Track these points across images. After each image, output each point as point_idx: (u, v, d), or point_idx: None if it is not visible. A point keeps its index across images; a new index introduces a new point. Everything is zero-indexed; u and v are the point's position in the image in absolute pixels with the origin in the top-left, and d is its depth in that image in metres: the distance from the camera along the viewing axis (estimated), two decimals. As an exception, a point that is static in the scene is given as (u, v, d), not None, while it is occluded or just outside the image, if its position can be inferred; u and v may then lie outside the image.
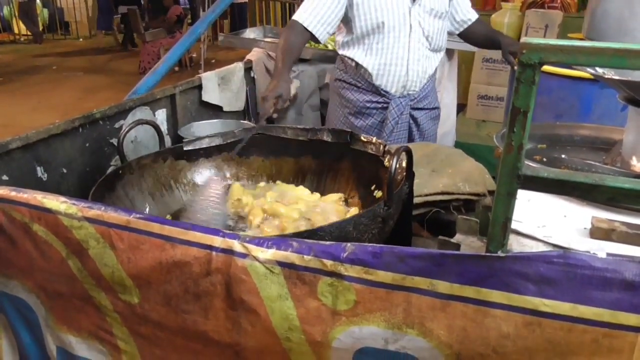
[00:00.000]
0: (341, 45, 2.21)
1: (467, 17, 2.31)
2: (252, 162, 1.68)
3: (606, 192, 0.78)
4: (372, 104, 2.21)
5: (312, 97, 3.11)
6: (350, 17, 2.11)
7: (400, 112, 2.19)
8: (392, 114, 2.18)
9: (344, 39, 2.18)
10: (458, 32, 2.35)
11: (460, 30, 2.34)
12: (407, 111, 2.20)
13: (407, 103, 2.19)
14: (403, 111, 2.19)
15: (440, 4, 2.14)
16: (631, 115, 1.37)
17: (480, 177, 1.57)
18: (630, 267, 0.74)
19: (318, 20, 2.06)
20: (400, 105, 2.18)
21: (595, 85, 2.40)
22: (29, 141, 1.58)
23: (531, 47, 0.74)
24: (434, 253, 0.82)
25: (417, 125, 2.27)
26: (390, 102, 2.17)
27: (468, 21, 2.32)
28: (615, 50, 0.72)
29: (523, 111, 0.76)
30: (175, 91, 2.24)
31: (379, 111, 2.21)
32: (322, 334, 0.90)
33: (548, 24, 3.81)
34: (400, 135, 2.22)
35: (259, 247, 0.91)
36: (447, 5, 2.19)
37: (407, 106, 2.20)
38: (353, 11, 2.09)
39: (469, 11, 2.32)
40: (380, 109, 2.21)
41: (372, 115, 2.22)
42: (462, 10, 2.30)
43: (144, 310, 1.03)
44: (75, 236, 1.04)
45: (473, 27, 2.32)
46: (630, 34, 1.60)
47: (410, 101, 2.20)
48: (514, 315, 0.79)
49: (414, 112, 2.24)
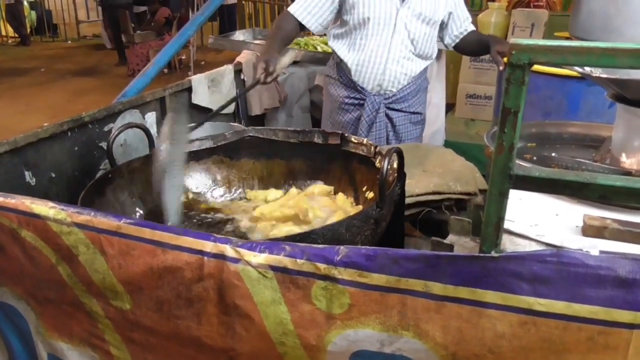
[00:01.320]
0: (332, 37, 2.23)
1: (464, 28, 2.28)
2: (243, 164, 1.67)
3: (597, 190, 0.79)
4: (349, 100, 2.23)
5: (302, 98, 3.10)
6: (343, 10, 2.14)
7: (375, 110, 2.19)
8: (367, 111, 2.19)
9: (336, 31, 2.21)
10: (454, 44, 2.33)
11: (456, 42, 2.31)
12: (382, 109, 2.20)
13: (381, 101, 2.19)
14: (378, 109, 2.19)
15: (431, 11, 2.13)
16: (619, 112, 1.38)
17: (471, 176, 1.57)
18: (623, 264, 0.75)
19: (309, 12, 2.11)
20: (374, 102, 2.19)
21: (582, 83, 2.42)
22: (17, 145, 1.56)
23: (521, 48, 0.74)
24: (428, 254, 0.82)
25: (392, 126, 2.26)
26: (365, 99, 2.19)
27: (464, 32, 2.29)
28: (603, 50, 0.72)
29: (513, 111, 0.76)
30: (165, 94, 2.22)
31: (356, 107, 2.23)
32: (317, 337, 0.89)
33: (534, 23, 3.84)
34: (380, 134, 2.22)
35: (251, 251, 0.90)
36: (440, 15, 2.18)
37: (382, 104, 2.20)
38: (345, 5, 2.12)
39: (466, 22, 2.29)
40: (357, 105, 2.22)
41: (350, 111, 2.25)
42: (461, 24, 2.27)
43: (136, 316, 1.03)
44: (64, 242, 1.03)
45: (466, 37, 2.30)
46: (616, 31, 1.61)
47: (385, 99, 2.20)
48: (509, 315, 0.79)
49: (389, 112, 2.23)
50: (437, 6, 2.15)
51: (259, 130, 1.67)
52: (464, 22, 2.27)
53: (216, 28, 10.60)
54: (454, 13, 2.23)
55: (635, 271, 0.74)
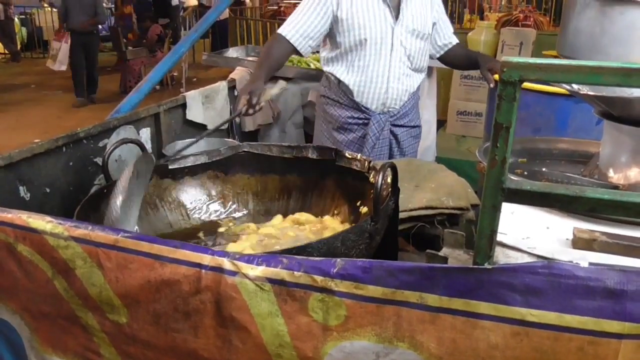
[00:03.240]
0: (325, 61, 2.26)
1: (449, 41, 2.36)
2: (238, 179, 1.69)
3: (586, 203, 0.81)
4: (353, 120, 2.25)
5: (295, 115, 3.13)
6: (335, 32, 2.15)
7: (381, 128, 2.23)
8: (373, 130, 2.22)
9: (328, 55, 2.23)
10: (439, 56, 2.40)
11: (441, 53, 2.39)
12: (387, 127, 2.24)
13: (387, 119, 2.23)
14: (383, 127, 2.23)
15: (422, 25, 2.19)
16: (606, 129, 1.41)
17: (463, 192, 1.59)
18: (612, 276, 0.76)
19: (301, 34, 2.11)
20: (380, 121, 2.22)
21: (570, 101, 2.47)
22: (12, 160, 1.56)
23: (511, 65, 0.77)
24: (422, 267, 0.83)
25: (397, 142, 2.30)
26: (370, 119, 2.22)
27: (449, 44, 2.37)
28: (591, 68, 0.75)
29: (505, 126, 0.79)
30: (159, 110, 2.24)
31: (360, 127, 2.25)
32: (313, 349, 0.90)
33: (523, 41, 3.93)
34: (382, 150, 2.25)
35: (248, 264, 0.91)
36: (430, 28, 2.24)
37: (387, 122, 2.24)
38: (338, 27, 2.13)
39: (451, 36, 2.37)
40: (361, 125, 2.25)
41: (354, 130, 2.26)
42: (444, 34, 2.35)
43: (133, 330, 1.03)
44: (61, 256, 1.03)
45: (453, 50, 2.38)
46: (603, 51, 1.65)
47: (390, 117, 2.24)
48: (502, 325, 0.81)
49: (394, 128, 2.27)
50: (426, 19, 2.21)
51: (253, 146, 1.68)
52: (447, 33, 2.34)
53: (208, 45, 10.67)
54: (437, 24, 2.30)
55: (623, 282, 0.76)
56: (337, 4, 2.11)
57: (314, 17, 2.10)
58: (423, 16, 2.19)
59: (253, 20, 9.21)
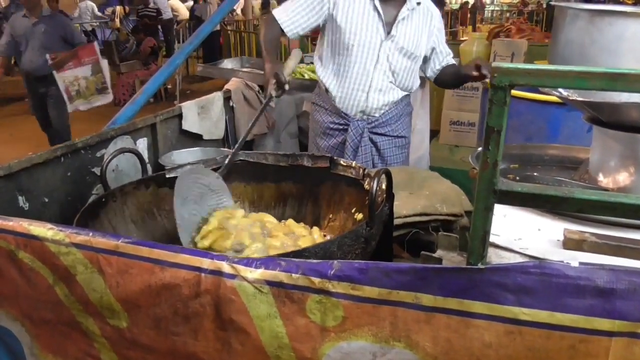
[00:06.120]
0: (318, 60, 2.29)
1: (446, 62, 2.33)
2: (234, 188, 1.70)
3: (575, 204, 0.84)
4: (334, 125, 2.29)
5: (290, 124, 3.16)
6: (327, 29, 2.19)
7: (359, 134, 2.26)
8: (351, 135, 2.26)
9: (321, 54, 2.27)
10: (434, 77, 2.37)
11: (437, 74, 2.36)
12: (366, 134, 2.26)
13: (364, 126, 2.25)
14: (362, 133, 2.25)
15: (414, 46, 2.20)
16: (595, 134, 1.45)
17: (457, 198, 1.62)
18: (602, 275, 0.79)
19: (293, 22, 2.15)
20: (358, 127, 2.25)
21: (562, 109, 2.51)
22: (11, 170, 1.58)
23: (502, 70, 0.80)
24: (417, 267, 0.85)
25: (377, 150, 2.31)
26: (349, 124, 2.25)
27: (445, 64, 2.34)
28: (577, 73, 0.78)
29: (497, 130, 0.81)
30: (156, 120, 2.26)
31: (340, 132, 2.29)
32: (311, 350, 0.92)
33: (514, 52, 3.99)
34: (366, 158, 2.27)
35: (247, 267, 0.93)
36: (422, 50, 2.24)
37: (365, 129, 2.26)
38: (331, 25, 2.17)
39: (448, 57, 2.34)
40: (341, 130, 2.29)
41: (334, 136, 2.31)
42: (443, 58, 2.32)
43: (133, 334, 1.04)
44: (62, 262, 1.04)
45: (445, 70, 2.34)
46: (592, 60, 1.69)
47: (368, 124, 2.26)
48: (495, 324, 0.83)
49: (373, 136, 2.28)
50: (420, 41, 2.22)
51: (249, 155, 1.71)
52: (445, 57, 2.34)
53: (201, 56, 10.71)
54: (437, 48, 2.29)
55: (612, 281, 0.78)
56: (333, 3, 2.14)
57: (309, 10, 2.15)
58: (417, 38, 2.20)
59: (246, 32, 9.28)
